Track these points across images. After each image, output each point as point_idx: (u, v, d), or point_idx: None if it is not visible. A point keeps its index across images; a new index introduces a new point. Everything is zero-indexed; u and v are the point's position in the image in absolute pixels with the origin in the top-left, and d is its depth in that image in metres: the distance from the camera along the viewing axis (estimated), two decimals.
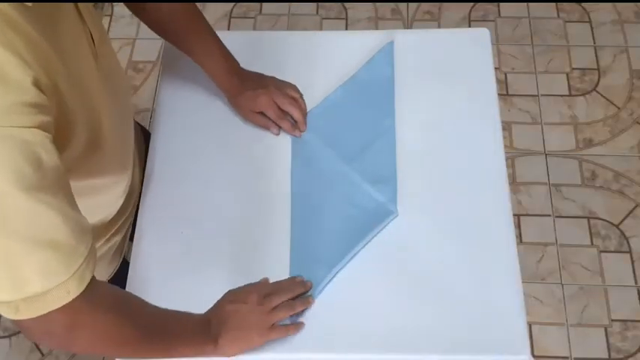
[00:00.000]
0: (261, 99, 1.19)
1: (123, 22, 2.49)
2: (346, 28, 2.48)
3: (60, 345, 0.85)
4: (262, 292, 1.03)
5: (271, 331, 1.01)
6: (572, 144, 2.21)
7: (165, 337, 0.93)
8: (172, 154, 1.22)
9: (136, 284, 1.11)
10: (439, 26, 2.47)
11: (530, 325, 1.90)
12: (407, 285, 1.08)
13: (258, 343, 1.01)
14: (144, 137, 1.29)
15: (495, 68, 1.40)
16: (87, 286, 0.75)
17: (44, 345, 0.76)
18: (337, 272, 1.09)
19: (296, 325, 1.04)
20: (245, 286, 1.05)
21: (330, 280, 1.08)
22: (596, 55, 2.39)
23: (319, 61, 1.31)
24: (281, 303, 1.02)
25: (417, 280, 1.09)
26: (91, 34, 0.85)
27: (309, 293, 1.06)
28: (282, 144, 1.23)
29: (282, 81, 1.24)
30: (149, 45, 2.48)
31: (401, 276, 1.09)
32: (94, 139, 0.86)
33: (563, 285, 1.99)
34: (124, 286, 1.10)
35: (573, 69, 2.36)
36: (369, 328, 1.05)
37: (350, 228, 1.12)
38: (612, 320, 1.93)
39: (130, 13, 1.14)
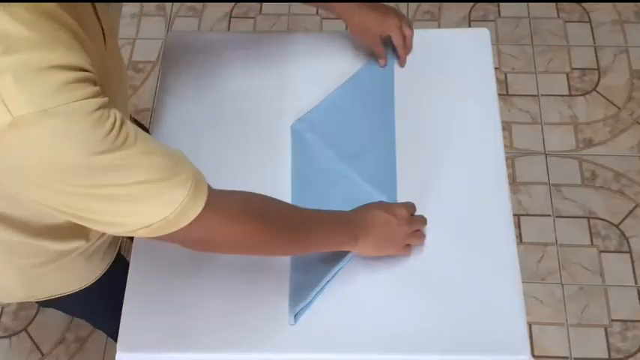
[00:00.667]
0: (390, 22, 1.24)
1: (123, 22, 2.49)
2: (346, 29, 2.48)
3: (203, 250, 0.91)
4: (411, 212, 1.09)
5: (405, 248, 1.08)
6: (572, 144, 2.21)
7: (304, 235, 0.98)
8: None
9: (136, 284, 1.11)
10: (439, 26, 2.48)
11: (530, 325, 1.90)
12: (407, 285, 1.08)
13: (390, 254, 1.08)
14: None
15: (495, 68, 1.40)
16: (206, 203, 0.80)
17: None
18: (337, 272, 1.09)
19: (411, 248, 1.10)
20: (401, 204, 1.11)
21: (329, 280, 1.08)
22: (596, 55, 2.39)
23: (319, 61, 1.31)
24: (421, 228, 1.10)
25: (416, 279, 1.09)
26: (102, 27, 0.88)
27: (309, 297, 1.06)
28: (282, 144, 1.23)
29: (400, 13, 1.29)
30: (149, 45, 2.49)
31: (401, 276, 1.09)
32: None
33: (563, 285, 1.99)
34: (120, 283, 1.10)
35: (573, 69, 2.36)
36: (369, 328, 1.05)
37: None
38: (612, 320, 1.93)
39: (131, 13, 1.14)
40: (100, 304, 1.25)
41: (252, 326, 1.06)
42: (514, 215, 1.16)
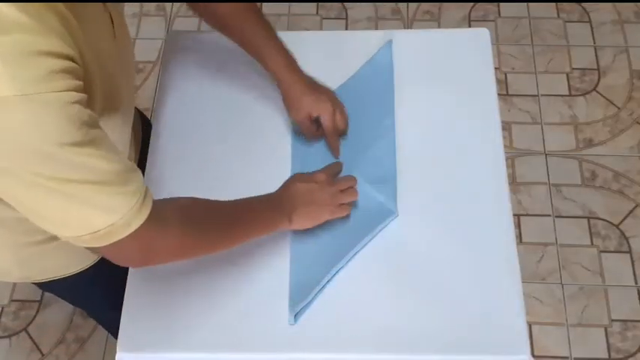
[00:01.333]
0: (324, 104, 1.18)
1: None
2: (346, 28, 2.49)
3: (141, 265, 0.93)
4: (330, 173, 1.12)
5: (339, 209, 1.10)
6: (572, 144, 2.22)
7: (240, 227, 1.01)
8: (172, 155, 1.22)
9: (136, 284, 1.11)
10: (439, 26, 2.48)
11: (530, 325, 1.90)
12: (406, 285, 1.08)
13: (326, 219, 1.10)
14: (141, 120, 1.30)
15: (495, 68, 1.40)
16: (149, 215, 0.82)
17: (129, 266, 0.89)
18: (337, 272, 1.09)
19: (347, 207, 1.12)
20: (323, 168, 1.14)
21: (329, 280, 1.08)
22: (596, 55, 2.39)
23: (319, 61, 1.31)
24: (347, 188, 1.11)
25: (416, 280, 1.09)
26: (112, 18, 0.90)
27: (309, 296, 1.06)
28: (282, 144, 1.23)
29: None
30: (149, 45, 2.49)
31: (400, 276, 1.09)
32: (107, 108, 0.90)
33: (563, 285, 1.99)
34: (118, 271, 1.10)
35: (573, 69, 2.36)
36: (369, 328, 1.05)
37: (350, 228, 1.12)
38: (612, 320, 1.93)
39: (131, 13, 1.15)
40: (98, 291, 1.26)
41: (253, 326, 1.06)
42: (514, 215, 1.16)
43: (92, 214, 0.78)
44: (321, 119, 1.19)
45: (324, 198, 1.09)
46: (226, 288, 1.09)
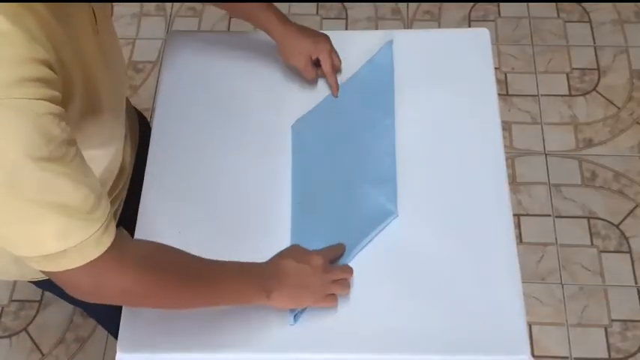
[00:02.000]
0: (322, 45, 1.22)
1: (123, 21, 2.49)
2: (346, 28, 2.48)
3: (89, 299, 0.87)
4: (328, 258, 1.05)
5: (325, 299, 1.03)
6: (572, 144, 2.22)
7: (207, 287, 0.94)
8: (172, 155, 1.22)
9: None
10: (439, 26, 2.48)
11: (530, 325, 1.90)
12: (406, 285, 1.08)
13: (308, 305, 1.04)
14: (138, 120, 1.30)
15: (495, 68, 1.40)
16: (108, 248, 0.78)
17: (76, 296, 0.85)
18: None
19: (336, 298, 1.05)
20: (306, 249, 1.06)
21: None
22: (596, 55, 2.39)
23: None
24: (341, 279, 1.04)
25: (416, 280, 1.09)
26: (94, 12, 0.88)
27: None
28: (283, 144, 1.23)
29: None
30: (149, 45, 2.49)
31: (400, 276, 1.09)
32: (90, 107, 0.88)
33: (563, 285, 1.99)
34: None
35: (573, 69, 2.36)
36: (369, 328, 1.05)
37: (350, 228, 1.12)
38: (612, 320, 1.93)
39: (131, 13, 1.15)
40: None
41: (252, 326, 1.06)
42: (514, 215, 1.16)
43: (45, 236, 0.74)
44: (321, 59, 1.22)
45: (314, 284, 1.01)
46: None
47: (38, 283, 1.19)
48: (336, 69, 1.26)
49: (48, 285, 1.19)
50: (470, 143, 1.21)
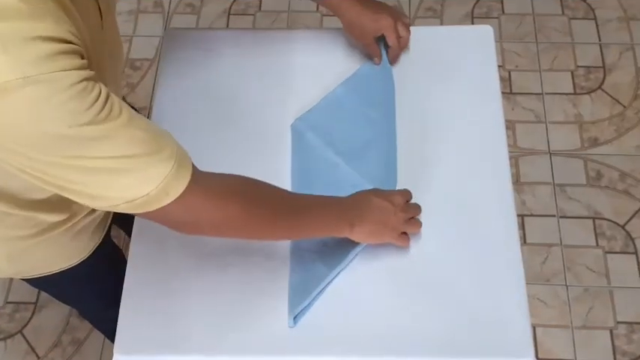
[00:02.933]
0: (384, 21, 1.22)
1: (120, 19, 2.49)
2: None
3: (190, 233, 0.91)
4: (407, 198, 1.10)
5: (401, 237, 1.08)
6: (577, 143, 2.21)
7: (296, 219, 0.98)
8: None
9: (133, 286, 1.11)
10: (442, 23, 2.48)
11: (534, 328, 1.90)
12: (408, 286, 1.08)
13: (387, 241, 1.08)
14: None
15: (499, 66, 1.40)
16: (190, 182, 0.81)
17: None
18: (337, 274, 1.09)
19: (409, 238, 1.10)
20: (397, 191, 1.11)
21: (329, 282, 1.08)
22: (602, 53, 2.39)
23: (320, 58, 1.31)
24: (416, 216, 1.10)
25: (418, 281, 1.09)
26: (99, 6, 0.90)
27: (308, 299, 1.07)
28: (282, 144, 1.23)
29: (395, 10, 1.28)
30: (146, 42, 2.49)
31: (402, 277, 1.09)
32: None
33: (567, 286, 1.99)
34: (110, 269, 1.10)
35: (578, 67, 2.36)
36: (370, 331, 1.05)
37: None
38: (618, 322, 1.93)
39: (128, 10, 1.15)
40: (89, 289, 1.26)
41: (251, 329, 1.06)
42: (518, 216, 1.16)
43: (123, 186, 0.77)
44: (386, 36, 1.23)
45: (394, 222, 1.06)
46: (225, 290, 1.09)
47: (32, 282, 1.20)
48: (404, 42, 1.27)
49: (42, 284, 1.20)
50: (473, 142, 1.21)
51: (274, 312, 1.07)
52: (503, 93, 1.33)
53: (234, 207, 0.89)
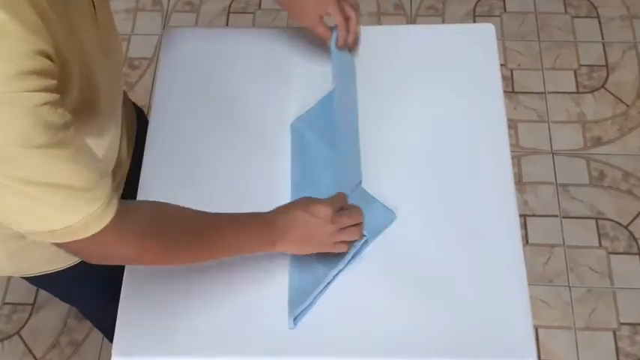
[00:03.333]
0: (328, 2, 1.18)
1: (118, 17, 2.49)
2: None
3: (101, 263, 0.93)
4: (336, 207, 1.05)
5: (334, 246, 1.06)
6: (580, 143, 2.21)
7: (214, 244, 0.99)
8: (169, 153, 1.22)
9: (132, 287, 1.11)
10: (443, 21, 2.48)
11: (536, 329, 1.90)
12: (408, 288, 1.08)
13: (314, 252, 1.07)
14: (137, 114, 1.31)
15: (501, 65, 1.40)
16: (109, 223, 0.83)
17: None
18: (337, 274, 1.09)
19: (350, 244, 1.07)
20: (328, 198, 1.08)
21: (330, 283, 1.08)
22: (605, 52, 2.39)
23: (319, 57, 1.30)
24: (349, 226, 1.06)
25: (419, 282, 1.09)
26: (94, 2, 0.90)
27: (308, 299, 1.07)
28: (281, 141, 1.23)
29: None
30: (145, 41, 2.49)
31: (402, 279, 1.09)
32: (88, 95, 0.90)
33: (570, 287, 1.99)
34: (107, 269, 1.11)
35: (581, 65, 2.36)
36: (371, 332, 1.05)
37: None
38: (621, 324, 1.93)
39: (126, 8, 1.15)
40: (89, 288, 1.27)
41: (251, 330, 1.06)
42: (520, 216, 1.16)
43: (50, 215, 0.79)
44: (332, 15, 1.20)
45: (321, 236, 1.04)
46: (224, 290, 1.09)
47: (32, 280, 1.20)
48: (352, 24, 1.22)
49: (42, 282, 1.20)
50: (474, 142, 1.21)
51: (274, 313, 1.07)
52: (505, 92, 1.33)
53: (148, 245, 0.92)
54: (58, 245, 0.84)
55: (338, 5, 1.19)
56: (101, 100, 0.95)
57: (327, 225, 1.03)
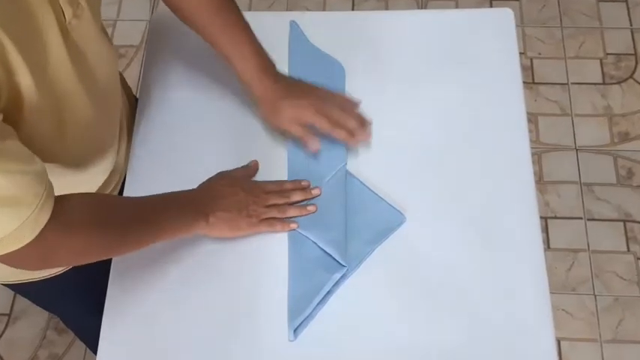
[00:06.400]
0: (306, 110, 1.14)
1: (102, 2, 2.49)
2: (352, 8, 2.49)
3: (41, 269, 0.98)
4: (263, 187, 1.14)
5: (260, 224, 1.12)
6: (607, 138, 2.21)
7: (152, 224, 1.02)
8: (156, 149, 1.22)
9: (116, 297, 1.11)
10: (457, 6, 2.48)
11: (559, 341, 1.90)
12: (419, 297, 1.08)
13: (246, 232, 1.12)
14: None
15: (520, 53, 1.40)
16: (48, 222, 0.84)
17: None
18: (340, 282, 1.09)
19: (283, 224, 1.12)
20: (242, 168, 1.17)
21: (331, 292, 1.08)
22: (633, 39, 2.39)
23: (321, 42, 1.30)
24: (275, 204, 1.13)
25: (430, 291, 1.09)
26: (62, 8, 0.87)
27: (309, 309, 1.07)
28: (277, 136, 1.23)
29: (331, 91, 1.19)
30: (132, 27, 2.49)
31: (412, 287, 1.09)
32: (60, 124, 0.92)
33: (596, 296, 1.99)
34: (93, 274, 1.12)
35: (607, 54, 2.36)
36: (378, 344, 1.05)
37: (353, 233, 1.12)
38: None
39: None
40: (75, 296, 1.28)
41: (248, 343, 1.06)
42: (541, 218, 1.16)
43: None
44: (317, 126, 1.15)
45: (245, 208, 1.10)
46: (218, 300, 1.09)
47: (14, 287, 1.21)
48: (341, 117, 1.16)
49: (24, 290, 1.21)
50: (491, 137, 1.21)
51: (272, 324, 1.07)
52: (524, 83, 1.34)
53: (90, 236, 0.93)
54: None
55: (322, 117, 1.14)
56: (77, 122, 0.96)
57: (253, 197, 1.11)
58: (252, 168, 1.18)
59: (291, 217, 1.13)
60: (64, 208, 0.87)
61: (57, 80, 0.88)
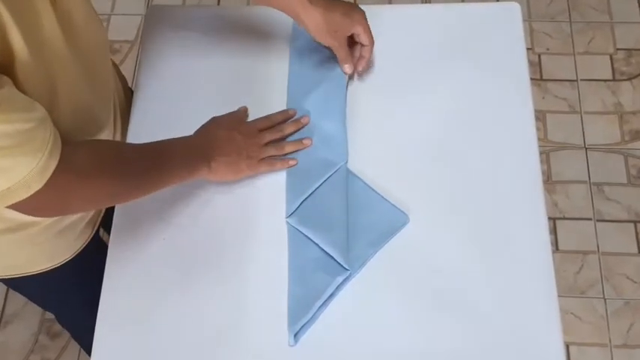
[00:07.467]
0: (358, 17, 1.18)
1: None
2: (354, 1, 2.48)
3: (58, 215, 1.05)
4: (256, 125, 1.19)
5: (260, 164, 1.17)
6: (617, 136, 2.21)
7: (159, 169, 1.06)
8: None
9: (112, 297, 1.11)
10: (462, 0, 2.47)
11: (567, 346, 1.90)
12: (423, 300, 1.08)
13: (247, 174, 1.17)
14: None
15: (527, 49, 1.39)
16: (57, 167, 0.86)
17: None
18: (341, 285, 1.09)
19: (283, 162, 1.18)
20: (233, 113, 1.22)
21: (333, 295, 1.08)
22: None
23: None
24: (272, 140, 1.19)
25: (434, 294, 1.09)
26: None
27: (310, 312, 1.06)
28: None
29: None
30: (126, 22, 2.49)
31: (416, 290, 1.09)
32: (52, 92, 0.94)
33: (605, 299, 1.99)
34: (97, 272, 1.12)
35: (618, 49, 2.36)
36: (380, 350, 1.05)
37: (354, 235, 1.12)
38: None
39: None
40: (72, 293, 1.29)
41: (247, 347, 1.06)
42: (549, 219, 1.16)
43: None
44: (360, 36, 1.20)
45: (244, 151, 1.15)
46: (217, 303, 1.09)
47: (9, 282, 1.23)
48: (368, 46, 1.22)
49: (20, 284, 1.22)
50: (498, 136, 1.21)
51: (272, 328, 1.07)
52: (532, 79, 1.34)
53: (102, 180, 0.97)
54: (14, 206, 0.87)
55: (368, 30, 1.19)
56: (69, 94, 0.97)
57: (250, 139, 1.16)
58: (242, 112, 1.23)
59: (288, 154, 1.19)
60: (72, 154, 0.90)
61: (48, 44, 0.90)
